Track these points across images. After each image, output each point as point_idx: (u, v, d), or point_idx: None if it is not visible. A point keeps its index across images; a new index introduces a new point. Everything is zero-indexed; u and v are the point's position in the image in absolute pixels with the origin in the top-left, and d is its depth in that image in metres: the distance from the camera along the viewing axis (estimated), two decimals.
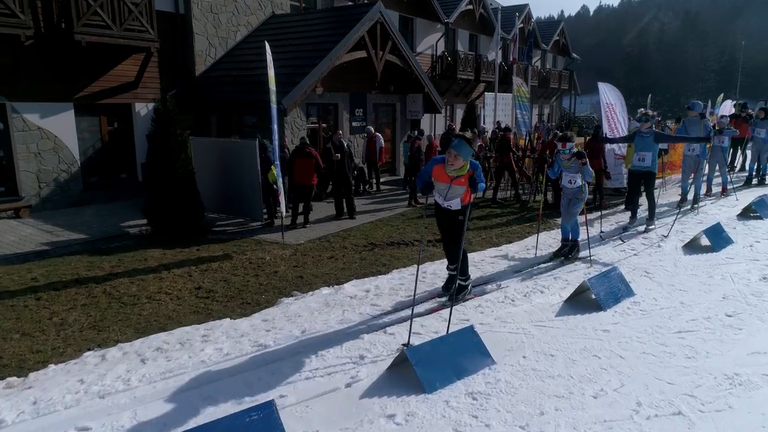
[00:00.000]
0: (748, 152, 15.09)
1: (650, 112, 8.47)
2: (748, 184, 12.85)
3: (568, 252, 7.11)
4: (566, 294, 5.53)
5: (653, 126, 8.30)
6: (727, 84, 56.55)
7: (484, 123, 20.03)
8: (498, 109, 19.22)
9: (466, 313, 5.19)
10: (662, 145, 10.91)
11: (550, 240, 8.56)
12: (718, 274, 6.30)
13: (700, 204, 10.44)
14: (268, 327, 5.11)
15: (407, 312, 5.37)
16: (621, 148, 11.99)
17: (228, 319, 5.58)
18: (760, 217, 9.15)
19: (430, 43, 23.74)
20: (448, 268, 5.84)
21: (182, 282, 7.56)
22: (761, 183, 12.87)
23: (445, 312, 5.23)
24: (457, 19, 24.92)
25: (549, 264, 7.03)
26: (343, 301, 5.80)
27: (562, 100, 39.76)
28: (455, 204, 5.24)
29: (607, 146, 11.62)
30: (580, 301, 5.34)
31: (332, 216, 11.86)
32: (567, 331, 4.71)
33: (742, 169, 15.40)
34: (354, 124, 15.78)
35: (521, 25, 29.12)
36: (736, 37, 71.88)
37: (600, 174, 12.05)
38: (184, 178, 10.27)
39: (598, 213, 9.86)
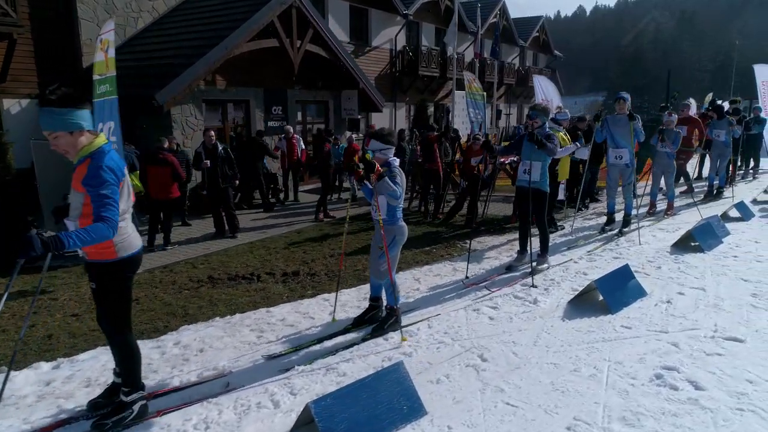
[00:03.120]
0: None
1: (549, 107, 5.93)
2: (707, 196, 10.24)
3: (382, 323, 4.43)
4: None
5: (545, 127, 5.68)
6: (722, 84, 53.13)
7: (453, 123, 17.70)
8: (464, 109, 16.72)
9: None
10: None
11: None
12: (591, 364, 3.73)
13: (631, 228, 7.59)
14: None
15: None
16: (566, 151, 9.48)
17: None
18: (700, 249, 6.39)
19: (388, 36, 21.18)
20: (114, 371, 3.39)
21: None
22: (717, 195, 10.22)
23: None
24: (421, 12, 22.33)
25: (348, 337, 4.40)
26: None
27: None
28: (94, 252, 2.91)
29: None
30: None
31: (212, 234, 9.56)
32: None
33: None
34: (271, 123, 13.35)
35: (494, 20, 26.49)
36: (733, 37, 68.20)
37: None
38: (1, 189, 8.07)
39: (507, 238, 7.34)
